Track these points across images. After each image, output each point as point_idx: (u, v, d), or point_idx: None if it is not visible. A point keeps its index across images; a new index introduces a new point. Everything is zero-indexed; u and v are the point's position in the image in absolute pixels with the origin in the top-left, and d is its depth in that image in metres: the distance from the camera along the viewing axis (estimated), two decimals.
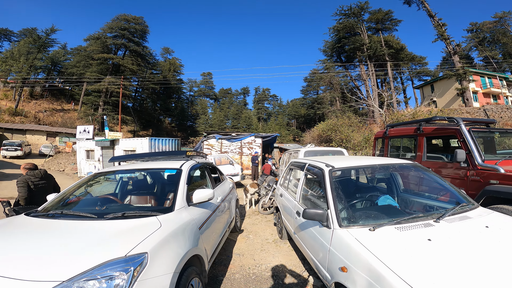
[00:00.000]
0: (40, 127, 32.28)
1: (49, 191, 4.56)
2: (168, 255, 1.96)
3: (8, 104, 38.15)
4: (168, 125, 60.38)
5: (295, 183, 4.17)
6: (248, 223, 5.86)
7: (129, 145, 15.04)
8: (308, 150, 7.31)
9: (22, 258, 1.75)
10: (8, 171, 16.02)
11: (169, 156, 4.25)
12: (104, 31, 44.97)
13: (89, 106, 41.69)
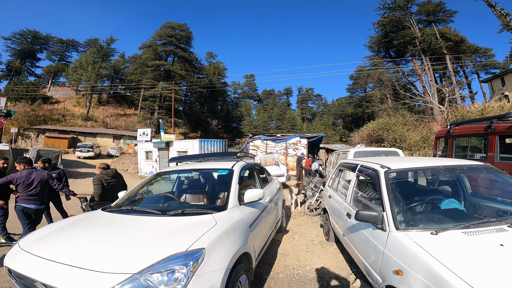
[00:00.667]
0: (107, 130, 36.54)
1: (119, 189, 5.08)
2: (222, 252, 2.05)
3: (81, 110, 43.93)
4: (215, 127, 63.10)
5: (345, 185, 4.06)
6: (293, 223, 5.85)
7: (181, 146, 16.14)
8: (358, 150, 7.00)
9: (99, 250, 1.97)
10: (82, 170, 18.31)
11: (221, 157, 4.43)
12: (154, 39, 48.61)
13: (147, 110, 45.78)
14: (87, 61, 43.63)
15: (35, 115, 34.91)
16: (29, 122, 32.66)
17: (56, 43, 59.09)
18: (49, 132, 31.07)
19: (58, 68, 55.18)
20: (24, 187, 4.18)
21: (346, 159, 5.26)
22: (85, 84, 44.34)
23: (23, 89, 43.58)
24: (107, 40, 47.15)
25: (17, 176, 4.18)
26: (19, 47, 54.25)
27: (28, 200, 4.20)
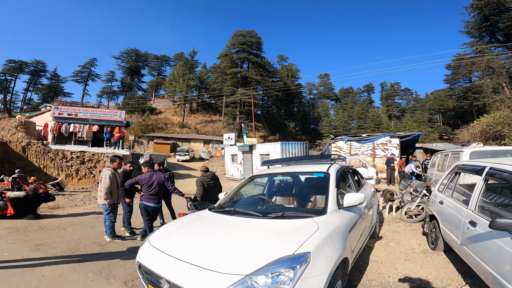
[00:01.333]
0: (198, 136, 41.26)
1: (216, 190, 5.54)
2: (325, 257, 2.04)
3: (178, 118, 50.72)
4: (292, 129, 63.31)
5: (464, 190, 3.61)
6: (387, 230, 5.46)
7: (264, 149, 16.85)
8: (475, 150, 5.96)
9: (213, 250, 2.09)
10: (181, 171, 21.15)
11: (312, 160, 4.42)
12: (228, 48, 51.41)
13: (229, 116, 49.48)
14: (178, 74, 49.30)
15: (146, 124, 42.39)
16: (141, 130, 39.88)
17: (153, 60, 70.08)
18: (156, 139, 37.18)
19: (158, 82, 64.79)
20: (146, 187, 4.82)
21: (464, 161, 4.60)
22: (179, 95, 50.50)
23: (135, 102, 53.41)
24: (190, 53, 51.95)
25: (142, 177, 4.93)
26: (127, 65, 66.26)
27: (149, 199, 4.82)
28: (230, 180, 18.53)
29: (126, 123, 19.58)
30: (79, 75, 66.63)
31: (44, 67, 64.43)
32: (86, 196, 10.55)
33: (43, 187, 7.07)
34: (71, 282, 3.05)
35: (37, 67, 63.32)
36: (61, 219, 6.55)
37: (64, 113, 17.68)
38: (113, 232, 4.90)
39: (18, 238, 4.61)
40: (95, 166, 16.26)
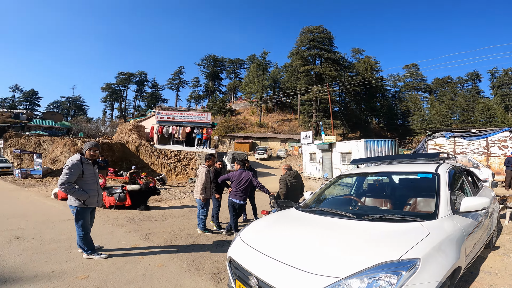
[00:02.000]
0: (275, 135, 42.10)
1: (298, 189, 5.47)
2: (436, 265, 1.86)
3: (255, 118, 52.94)
4: (375, 125, 57.98)
5: None
6: (507, 239, 4.54)
7: (345, 147, 15.89)
8: None
9: (305, 249, 2.04)
10: (259, 169, 21.76)
11: (413, 159, 3.95)
12: (298, 46, 50.58)
13: (305, 114, 48.74)
14: (253, 75, 51.42)
15: (227, 125, 45.84)
16: (224, 130, 43.29)
17: (229, 63, 75.26)
18: (237, 138, 39.74)
19: (235, 84, 69.31)
20: (235, 184, 5.01)
21: None
22: (255, 95, 52.82)
23: (217, 104, 58.28)
24: (261, 55, 53.47)
25: (233, 174, 5.18)
26: (208, 71, 73.39)
27: (236, 195, 4.99)
28: (308, 179, 18.17)
29: (212, 124, 21.54)
30: (172, 82, 77.38)
31: (146, 77, 77.64)
32: (182, 191, 11.96)
33: (152, 181, 8.30)
34: (169, 272, 3.37)
35: (141, 77, 76.65)
36: (164, 210, 7.53)
37: (165, 117, 20.66)
38: (204, 226, 5.29)
39: (133, 227, 5.45)
40: (188, 163, 18.41)
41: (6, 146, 25.77)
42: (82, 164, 3.61)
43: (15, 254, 3.60)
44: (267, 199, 6.92)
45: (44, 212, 6.58)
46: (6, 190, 10.55)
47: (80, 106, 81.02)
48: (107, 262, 3.52)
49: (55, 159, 18.43)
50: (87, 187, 3.64)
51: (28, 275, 2.98)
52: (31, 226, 5.14)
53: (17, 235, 4.48)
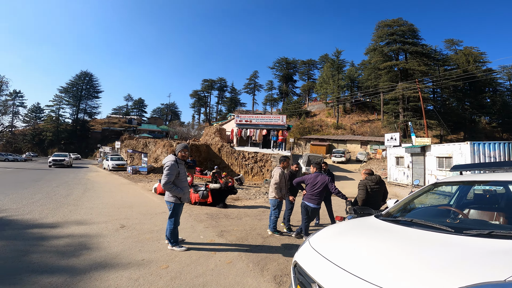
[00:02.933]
0: (355, 137, 39.33)
1: (380, 195, 4.97)
2: None
3: (332, 120, 50.66)
4: (485, 125, 47.60)
5: None
6: None
7: (443, 151, 13.55)
8: None
9: (383, 263, 1.79)
10: (336, 173, 20.61)
11: None
12: (375, 41, 46.25)
13: (390, 114, 43.85)
14: (327, 76, 49.61)
15: (303, 127, 45.33)
16: (299, 133, 42.97)
17: (301, 65, 74.27)
18: (313, 141, 38.88)
19: (309, 86, 68.15)
20: (310, 187, 4.93)
21: None
22: (330, 96, 50.64)
23: (292, 107, 58.24)
24: (334, 53, 51.15)
25: (308, 177, 5.10)
26: (281, 73, 74.27)
27: (310, 199, 4.89)
28: (393, 185, 16.28)
29: (287, 126, 21.66)
30: (248, 87, 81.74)
31: (225, 83, 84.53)
32: (257, 191, 12.36)
33: (231, 181, 8.88)
34: (236, 269, 3.50)
35: (221, 83, 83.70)
36: (239, 209, 7.91)
37: (243, 120, 21.87)
38: (274, 227, 5.31)
39: (211, 223, 5.89)
40: (264, 165, 18.95)
41: (122, 146, 31.88)
42: (178, 164, 4.04)
43: (119, 241, 4.31)
44: (343, 204, 6.53)
45: (145, 204, 7.79)
46: (120, 184, 12.99)
47: (174, 112, 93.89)
48: (185, 255, 3.88)
49: (157, 158, 21.78)
50: (182, 184, 4.09)
51: (123, 262, 3.50)
52: (134, 216, 6.14)
53: (123, 224, 5.39)
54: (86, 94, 72.70)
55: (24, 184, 10.72)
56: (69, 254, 3.61)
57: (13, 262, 3.26)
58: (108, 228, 4.98)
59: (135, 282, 2.93)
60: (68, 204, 7.11)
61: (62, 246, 3.92)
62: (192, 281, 3.07)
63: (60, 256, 3.51)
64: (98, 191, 10.07)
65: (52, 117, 66.56)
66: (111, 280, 2.95)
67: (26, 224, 4.95)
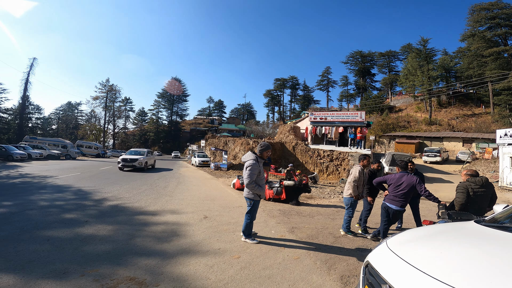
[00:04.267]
0: (455, 134, 33.33)
1: (486, 200, 4.26)
2: None
3: (423, 115, 43.99)
4: None
5: None
6: None
7: None
8: None
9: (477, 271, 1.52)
10: (428, 174, 17.99)
11: None
12: (472, 27, 40.30)
13: (503, 106, 35.59)
14: (413, 67, 43.87)
15: (385, 123, 41.02)
16: (381, 130, 39.09)
17: (379, 57, 66.70)
18: (398, 138, 34.79)
19: (391, 79, 60.86)
20: (393, 188, 4.57)
21: None
22: (420, 89, 44.32)
23: (371, 102, 53.28)
24: (420, 42, 45.07)
25: (391, 177, 4.73)
26: (356, 68, 68.69)
27: (392, 200, 4.54)
28: (506, 191, 13.33)
29: (366, 123, 20.08)
30: (320, 83, 78.95)
31: (297, 81, 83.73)
32: (332, 191, 11.94)
33: (305, 179, 8.88)
34: (302, 266, 3.54)
35: (293, 81, 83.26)
36: (312, 208, 7.86)
37: (317, 118, 21.37)
38: (348, 227, 5.14)
39: (283, 219, 6.06)
40: (341, 164, 18.10)
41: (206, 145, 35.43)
42: (258, 163, 4.27)
43: (201, 231, 4.88)
44: (434, 208, 5.78)
45: (225, 198, 8.58)
46: (205, 179, 14.56)
47: (250, 111, 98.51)
48: (256, 247, 4.14)
49: (235, 156, 23.45)
50: (261, 182, 4.37)
51: (203, 250, 3.95)
52: (215, 208, 6.85)
53: (206, 215, 6.09)
54: (177, 98, 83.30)
55: (134, 177, 13.17)
56: (163, 239, 4.29)
57: (122, 244, 3.93)
58: (194, 218, 5.71)
59: (210, 269, 3.29)
60: (165, 195, 8.45)
61: (159, 232, 4.69)
62: (259, 272, 3.28)
63: (156, 241, 4.19)
64: (187, 184, 11.58)
65: (153, 119, 79.05)
66: (191, 265, 3.35)
67: (135, 211, 6.09)
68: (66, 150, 29.08)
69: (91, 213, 5.61)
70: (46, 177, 11.07)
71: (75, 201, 6.72)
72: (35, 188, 8.27)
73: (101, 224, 4.84)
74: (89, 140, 56.29)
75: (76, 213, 5.56)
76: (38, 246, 3.59)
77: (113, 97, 67.29)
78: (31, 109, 57.70)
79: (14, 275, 2.77)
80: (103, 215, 5.50)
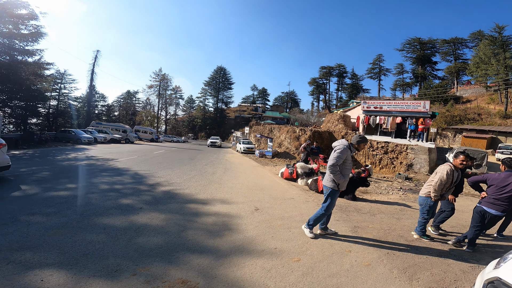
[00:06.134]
0: None
1: None
2: None
3: (497, 107, 38.04)
4: None
5: None
6: None
7: None
8: None
9: None
10: None
11: None
12: None
13: None
14: (486, 55, 38.15)
15: (451, 115, 36.30)
16: (446, 122, 34.74)
17: (442, 45, 58.96)
18: (466, 132, 30.53)
19: (458, 67, 53.80)
20: (495, 189, 3.92)
21: None
22: (494, 79, 38.30)
23: (433, 92, 47.61)
24: (495, 29, 38.69)
25: (493, 176, 4.02)
26: (414, 55, 61.68)
27: (492, 204, 3.90)
28: None
29: (431, 114, 17.84)
30: (371, 72, 73.32)
31: (345, 69, 79.02)
32: (389, 186, 10.82)
33: (365, 172, 8.05)
34: (376, 274, 3.04)
35: (340, 69, 78.63)
36: (370, 204, 7.07)
37: (371, 107, 19.63)
38: (423, 230, 4.51)
39: (341, 216, 5.47)
40: (397, 157, 16.45)
41: (250, 132, 35.53)
42: (350, 150, 3.96)
43: (254, 225, 4.50)
44: None
45: (275, 188, 8.22)
46: (251, 166, 14.42)
47: (294, 100, 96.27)
48: (317, 249, 3.69)
49: (280, 144, 22.97)
50: (345, 172, 3.99)
51: (258, 249, 3.56)
52: (266, 200, 6.52)
53: (257, 206, 5.77)
54: (222, 86, 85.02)
55: (184, 161, 13.61)
56: (215, 233, 4.04)
57: (174, 237, 3.71)
58: (245, 210, 5.43)
59: (267, 273, 2.92)
60: (214, 182, 8.42)
61: (210, 224, 4.44)
62: (324, 281, 2.84)
63: (208, 235, 3.94)
64: (234, 171, 11.53)
65: (201, 106, 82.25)
66: (247, 268, 3.01)
67: (186, 198, 6.03)
68: (126, 134, 31.62)
69: (146, 199, 5.69)
70: (108, 160, 11.98)
71: (132, 185, 6.99)
72: (98, 171, 8.87)
73: (155, 212, 4.82)
74: (145, 125, 60.92)
75: (132, 198, 5.69)
76: (94, 236, 3.52)
77: (165, 86, 71.49)
78: (97, 97, 63.73)
79: (66, 272, 2.62)
80: (156, 202, 5.53)
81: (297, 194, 7.51)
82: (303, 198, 6.99)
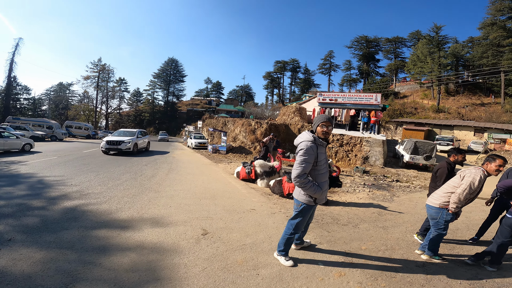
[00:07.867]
0: (466, 122, 31.58)
1: None
2: None
3: (430, 102, 42.43)
4: None
5: None
6: None
7: None
8: None
9: None
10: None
11: None
12: (493, 15, 38.80)
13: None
14: (423, 53, 42.76)
15: (392, 109, 39.11)
16: (388, 115, 37.20)
17: (385, 43, 64.79)
18: (406, 125, 32.94)
19: (397, 65, 59.24)
20: None
21: None
22: (427, 76, 42.76)
23: (376, 87, 51.28)
24: (433, 29, 43.82)
25: None
26: (361, 52, 66.88)
27: None
28: None
29: (382, 106, 18.11)
30: (323, 67, 76.72)
31: (298, 64, 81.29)
32: (352, 182, 10.16)
33: (337, 170, 6.71)
34: None
35: (293, 64, 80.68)
36: (345, 209, 5.96)
37: (327, 99, 19.26)
38: (435, 250, 3.41)
39: (321, 234, 4.14)
40: (352, 149, 16.26)
41: (203, 126, 33.23)
42: (317, 146, 2.68)
43: (200, 267, 2.87)
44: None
45: (229, 195, 6.52)
46: (202, 165, 12.52)
47: (249, 93, 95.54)
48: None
49: (235, 138, 21.40)
50: (320, 178, 2.78)
51: None
52: (218, 214, 4.85)
53: (206, 228, 4.09)
54: (173, 79, 80.00)
55: (118, 161, 11.17)
56: None
57: None
58: (187, 236, 3.73)
59: None
60: (149, 189, 6.46)
61: (123, 270, 2.68)
62: None
63: None
64: (181, 172, 9.57)
65: (149, 100, 75.95)
66: None
67: (97, 219, 4.12)
68: (52, 131, 26.69)
69: (29, 223, 3.67)
70: (12, 163, 9.09)
71: (21, 200, 4.77)
72: None
73: (30, 247, 2.94)
74: (81, 120, 53.59)
75: (6, 222, 3.61)
76: None
77: (106, 77, 63.75)
78: (18, 90, 55.22)
79: None
80: (44, 227, 3.57)
81: (258, 202, 5.98)
82: (267, 209, 5.49)
